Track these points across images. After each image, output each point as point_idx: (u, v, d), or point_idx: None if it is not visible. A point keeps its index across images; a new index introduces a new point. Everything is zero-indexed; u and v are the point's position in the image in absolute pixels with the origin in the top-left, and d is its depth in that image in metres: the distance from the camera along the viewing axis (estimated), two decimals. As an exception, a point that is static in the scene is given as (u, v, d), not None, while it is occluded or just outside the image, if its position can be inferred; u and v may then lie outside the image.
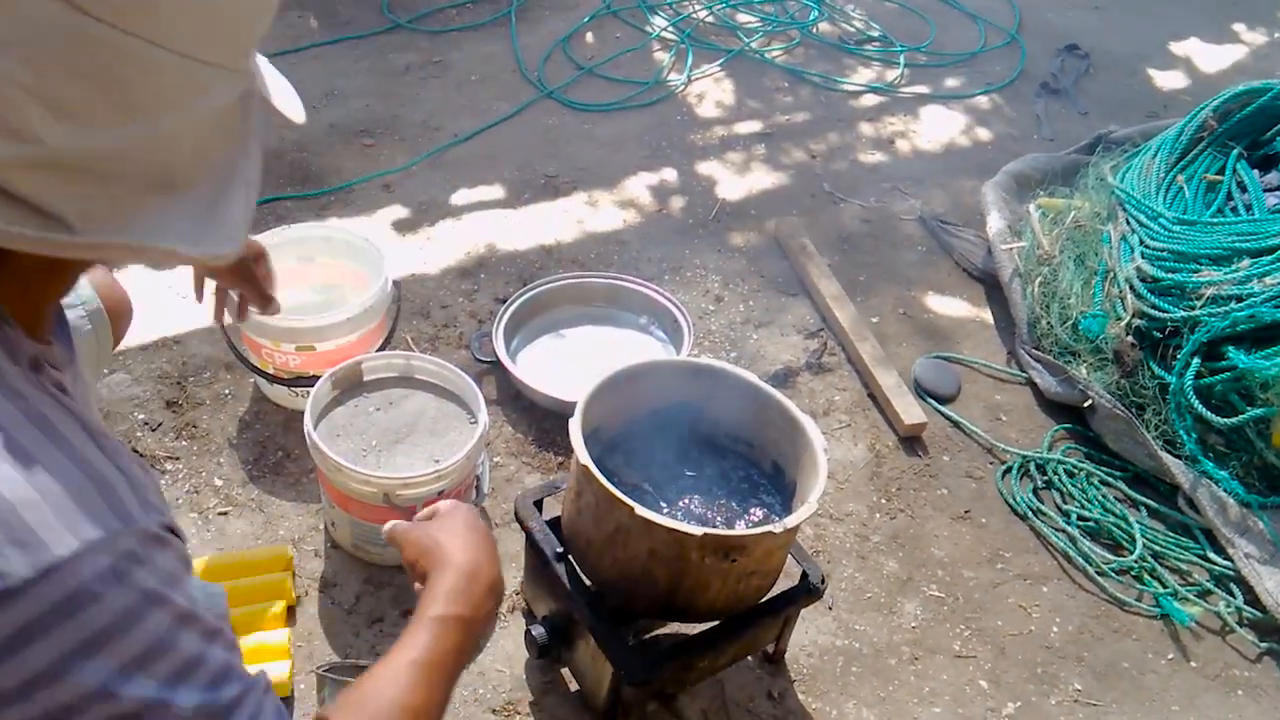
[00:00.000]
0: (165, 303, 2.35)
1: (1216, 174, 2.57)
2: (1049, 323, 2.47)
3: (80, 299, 1.36)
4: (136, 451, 2.00)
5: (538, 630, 1.65)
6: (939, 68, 3.71)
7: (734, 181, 3.02)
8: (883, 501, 2.16)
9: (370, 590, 1.83)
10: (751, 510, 1.65)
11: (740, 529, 1.60)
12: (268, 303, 1.64)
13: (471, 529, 1.21)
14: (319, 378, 1.85)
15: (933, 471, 2.24)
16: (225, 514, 1.92)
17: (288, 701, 1.65)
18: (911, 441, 2.29)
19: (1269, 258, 2.20)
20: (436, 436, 1.84)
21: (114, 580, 0.72)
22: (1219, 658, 1.96)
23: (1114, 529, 2.13)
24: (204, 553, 1.84)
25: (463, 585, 1.13)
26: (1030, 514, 2.16)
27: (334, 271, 2.16)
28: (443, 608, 1.09)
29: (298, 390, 2.02)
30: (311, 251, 2.14)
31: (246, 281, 1.61)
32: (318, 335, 1.96)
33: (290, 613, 1.77)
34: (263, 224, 2.42)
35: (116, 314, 1.45)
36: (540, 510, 1.70)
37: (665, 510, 1.61)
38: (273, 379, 2.03)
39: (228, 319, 1.77)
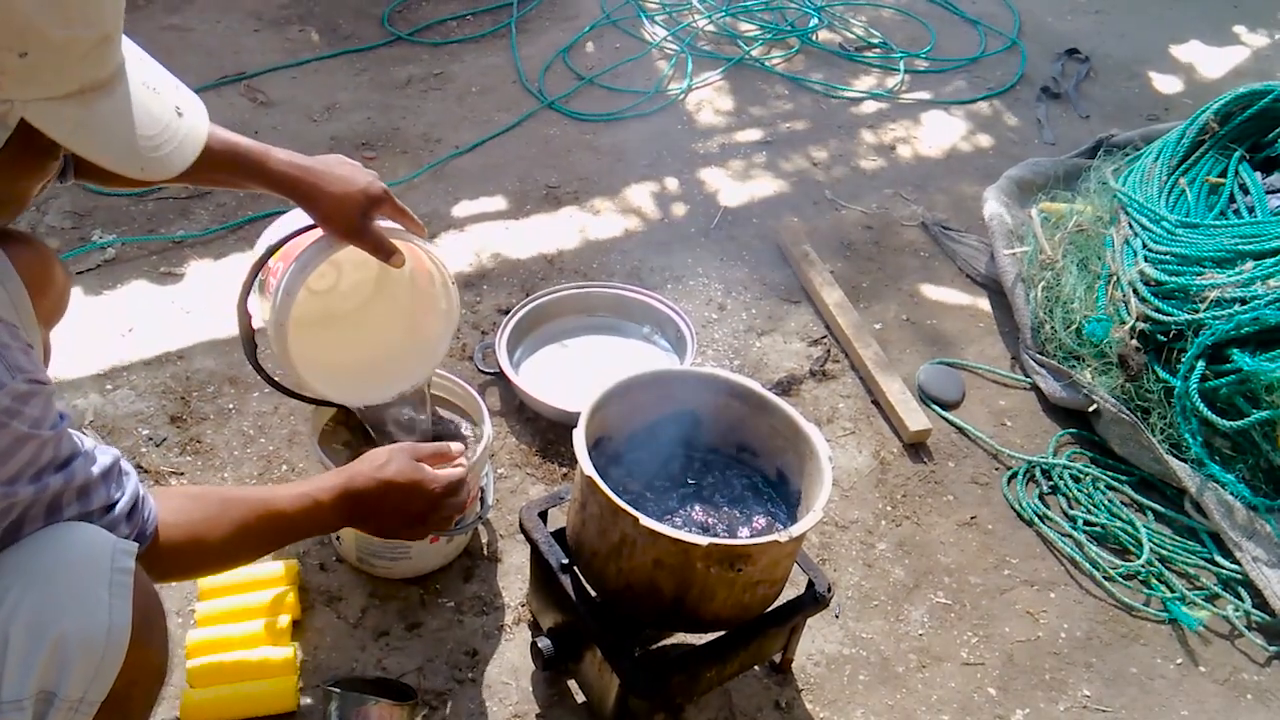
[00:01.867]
0: (169, 317, 2.35)
1: (1219, 177, 2.57)
2: (1053, 327, 2.47)
3: None
4: (141, 468, 2.01)
5: (544, 642, 1.65)
6: (939, 73, 3.71)
7: (735, 189, 3.02)
8: (888, 508, 2.15)
9: (376, 604, 1.83)
10: (756, 519, 1.64)
11: (745, 538, 1.59)
12: (389, 254, 1.60)
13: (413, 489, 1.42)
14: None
15: (938, 478, 2.23)
16: (230, 528, 1.92)
17: (293, 717, 1.65)
18: (916, 448, 2.28)
19: (1272, 260, 2.19)
20: (440, 449, 1.84)
21: None
22: (1228, 662, 1.95)
23: (1121, 534, 2.12)
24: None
25: (370, 497, 1.39)
26: (1036, 519, 2.15)
27: (412, 339, 1.87)
28: (333, 497, 1.37)
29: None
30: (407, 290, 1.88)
31: (361, 239, 1.59)
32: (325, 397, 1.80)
33: (295, 627, 1.77)
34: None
35: (38, 276, 1.48)
36: (545, 521, 1.69)
37: (670, 520, 1.60)
38: (288, 393, 2.01)
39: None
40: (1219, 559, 2.10)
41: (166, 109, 1.08)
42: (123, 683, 1.07)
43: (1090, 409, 2.33)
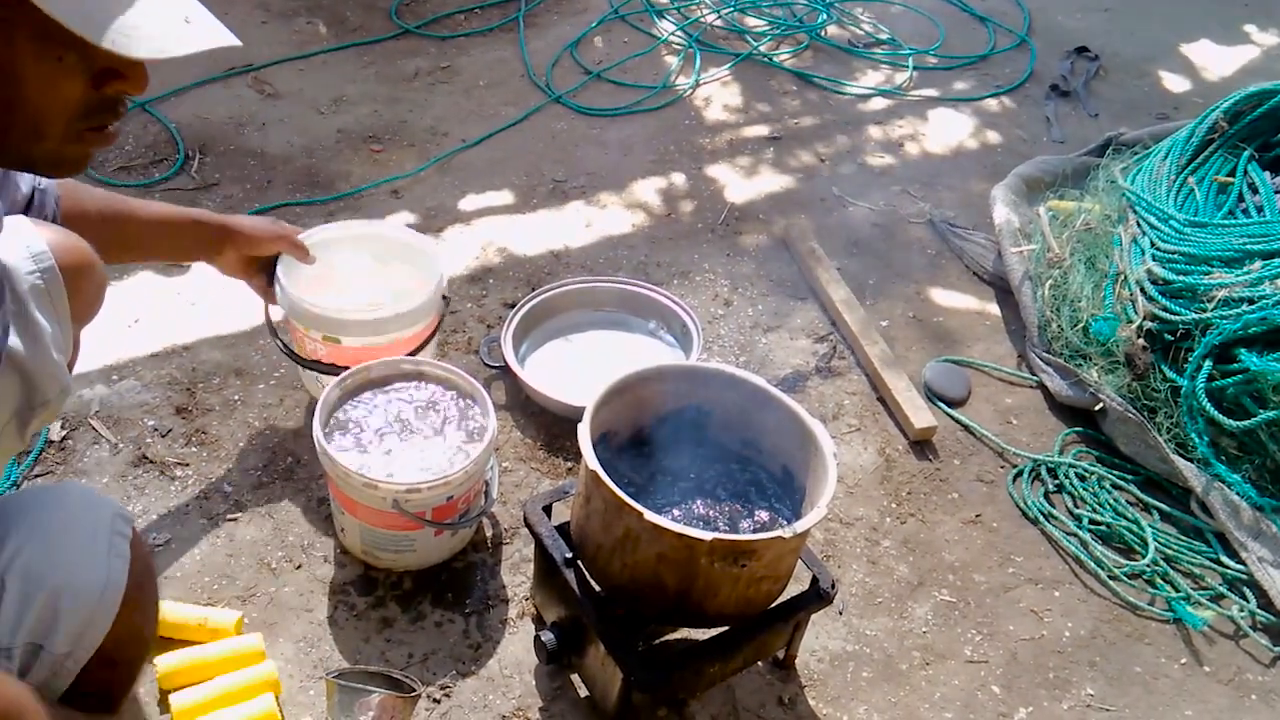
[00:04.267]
0: (174, 309, 2.35)
1: (1228, 176, 2.56)
2: (1060, 325, 2.46)
3: (31, 252, 1.31)
4: (147, 459, 2.01)
5: (547, 636, 1.65)
6: (948, 70, 3.70)
7: (743, 185, 3.02)
8: (893, 505, 2.15)
9: (380, 596, 1.84)
10: (758, 514, 1.64)
11: (749, 533, 1.59)
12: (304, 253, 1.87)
13: None
14: (342, 368, 1.86)
15: (943, 475, 2.23)
16: (235, 520, 1.93)
17: (295, 707, 1.65)
18: (922, 445, 2.28)
19: (1281, 259, 2.19)
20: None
21: None
22: (1232, 662, 1.94)
23: (1126, 533, 2.12)
24: (215, 559, 1.85)
25: None
26: (1042, 518, 2.15)
27: (407, 276, 2.11)
28: None
29: (322, 379, 2.01)
30: (382, 251, 2.13)
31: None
32: (341, 329, 1.95)
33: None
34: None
35: (77, 271, 1.44)
36: (549, 516, 1.69)
37: (674, 515, 1.60)
38: (303, 362, 2.03)
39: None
40: (1224, 559, 2.09)
41: (175, 14, 0.97)
42: (110, 644, 1.09)
43: (1096, 408, 2.33)
